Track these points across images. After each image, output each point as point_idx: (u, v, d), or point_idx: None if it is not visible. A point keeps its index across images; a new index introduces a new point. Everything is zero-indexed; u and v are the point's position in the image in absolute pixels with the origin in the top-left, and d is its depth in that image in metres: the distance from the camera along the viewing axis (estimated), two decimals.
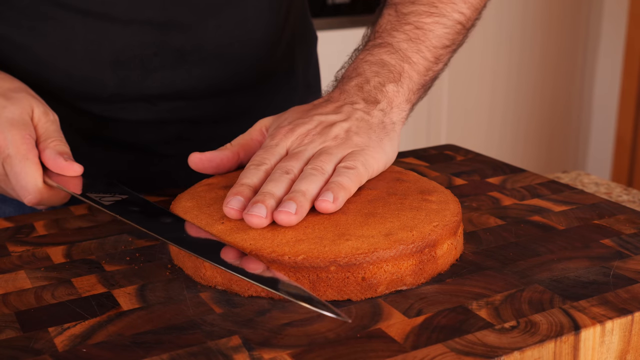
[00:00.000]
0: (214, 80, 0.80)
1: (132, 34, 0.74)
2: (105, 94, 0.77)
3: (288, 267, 0.50)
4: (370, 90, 0.64)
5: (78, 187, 0.60)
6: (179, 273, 0.55)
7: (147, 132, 0.81)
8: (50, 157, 0.61)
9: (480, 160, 0.80)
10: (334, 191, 0.54)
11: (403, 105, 0.65)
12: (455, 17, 0.70)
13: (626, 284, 0.52)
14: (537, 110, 2.63)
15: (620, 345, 0.48)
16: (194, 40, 0.77)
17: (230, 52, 0.79)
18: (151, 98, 0.78)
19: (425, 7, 0.69)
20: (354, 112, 0.62)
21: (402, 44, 0.67)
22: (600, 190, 0.88)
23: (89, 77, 0.76)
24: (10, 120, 0.62)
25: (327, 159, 0.58)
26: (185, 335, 0.46)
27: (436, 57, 0.69)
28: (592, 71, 2.70)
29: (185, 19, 0.76)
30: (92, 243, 0.61)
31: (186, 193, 0.61)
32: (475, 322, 0.47)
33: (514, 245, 0.58)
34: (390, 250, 0.51)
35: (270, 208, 0.53)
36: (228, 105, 0.83)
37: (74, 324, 0.48)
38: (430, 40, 0.68)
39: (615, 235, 0.60)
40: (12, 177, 0.61)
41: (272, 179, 0.56)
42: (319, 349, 0.44)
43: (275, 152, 0.60)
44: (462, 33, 0.71)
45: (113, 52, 0.75)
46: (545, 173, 0.97)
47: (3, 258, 0.58)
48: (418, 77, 0.67)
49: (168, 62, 0.77)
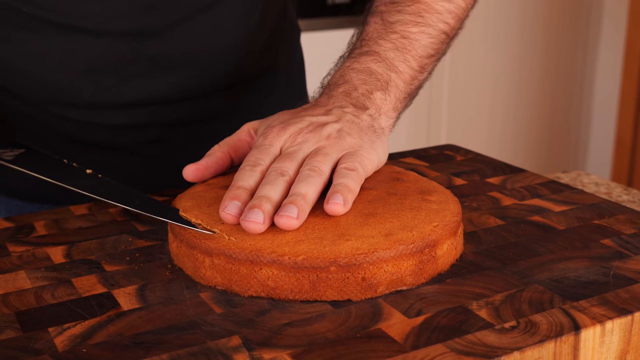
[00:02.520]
0: (189, 86, 0.80)
1: (105, 44, 0.74)
2: (82, 101, 0.77)
3: (288, 268, 0.50)
4: (358, 97, 0.65)
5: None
6: (179, 273, 0.55)
7: (126, 135, 0.81)
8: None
9: (480, 160, 0.80)
10: (342, 193, 0.54)
11: (390, 112, 0.66)
12: (440, 27, 0.70)
13: (626, 284, 0.52)
14: (537, 110, 2.63)
15: (620, 345, 0.48)
16: (167, 48, 0.76)
17: (205, 58, 0.79)
18: (127, 105, 0.78)
19: (412, 16, 0.69)
20: (344, 114, 0.62)
21: (389, 53, 0.67)
22: (600, 190, 0.88)
23: (64, 86, 0.76)
24: None
25: (324, 160, 0.58)
26: (185, 336, 0.46)
27: (421, 66, 0.69)
28: (592, 71, 2.70)
29: (158, 27, 0.75)
30: (92, 243, 0.61)
31: (186, 193, 0.61)
32: (475, 322, 0.47)
33: (514, 245, 0.58)
34: (390, 250, 0.51)
35: (268, 213, 0.53)
36: (207, 107, 0.83)
37: (74, 324, 0.48)
38: (416, 50, 0.69)
39: (615, 235, 0.60)
40: None
41: (267, 182, 0.56)
42: (319, 349, 0.44)
43: (269, 151, 0.60)
44: (446, 42, 0.72)
45: (87, 61, 0.75)
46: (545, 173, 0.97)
47: (3, 258, 0.58)
48: (404, 86, 0.67)
49: (142, 70, 0.76)
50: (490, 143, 2.55)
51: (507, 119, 2.58)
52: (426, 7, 0.70)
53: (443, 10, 0.71)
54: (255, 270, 0.51)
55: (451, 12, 0.71)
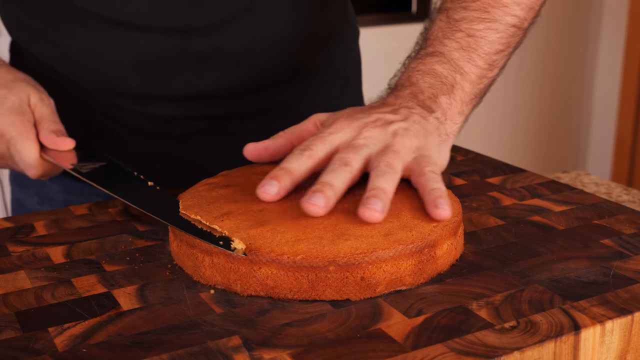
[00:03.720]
0: (236, 82, 0.81)
1: (153, 39, 0.77)
2: (131, 93, 0.80)
3: (287, 267, 0.50)
4: (424, 100, 0.65)
5: (67, 161, 0.68)
6: (179, 273, 0.55)
7: (177, 125, 0.84)
8: (45, 136, 0.70)
9: (480, 160, 0.80)
10: (443, 197, 0.55)
11: (456, 117, 0.65)
12: (508, 20, 0.69)
13: (626, 284, 0.52)
14: (537, 110, 2.63)
15: (620, 345, 0.48)
16: (214, 44, 0.78)
17: (252, 55, 0.80)
18: (176, 98, 0.81)
19: (477, 12, 0.68)
20: (411, 114, 0.62)
21: (454, 53, 0.67)
22: (600, 190, 0.88)
23: (114, 78, 0.79)
24: (11, 109, 0.70)
25: (397, 158, 0.58)
26: (185, 336, 0.46)
27: (489, 63, 0.68)
28: (592, 71, 2.70)
29: (206, 25, 0.77)
30: (92, 243, 0.61)
31: (187, 192, 0.61)
32: (475, 322, 0.47)
33: (514, 245, 0.58)
34: (389, 250, 0.51)
35: (329, 199, 0.54)
36: (256, 101, 0.84)
37: (74, 324, 0.48)
38: (482, 48, 0.68)
39: (615, 235, 0.60)
40: (15, 155, 0.70)
41: (331, 169, 0.57)
42: (319, 349, 0.44)
43: (326, 140, 0.60)
44: (518, 35, 0.70)
45: (135, 56, 0.78)
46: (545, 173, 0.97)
47: (3, 258, 0.58)
48: (470, 87, 0.67)
49: (190, 65, 0.78)
50: (490, 143, 2.55)
51: (507, 119, 2.58)
52: (491, 2, 0.69)
53: (510, 2, 0.69)
54: (254, 269, 0.51)
55: (519, 4, 0.69)
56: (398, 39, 0.75)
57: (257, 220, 0.54)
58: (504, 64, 0.71)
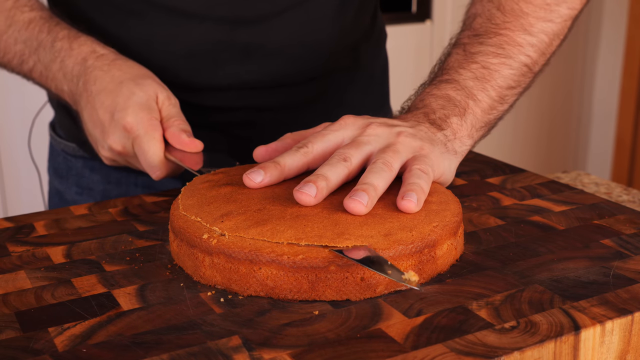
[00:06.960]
0: (276, 75, 0.84)
1: (205, 30, 0.80)
2: (180, 82, 0.82)
3: (287, 267, 0.50)
4: (435, 119, 0.66)
5: (194, 163, 0.68)
6: (179, 273, 0.55)
7: (217, 116, 0.85)
8: (174, 134, 0.69)
9: (480, 160, 0.81)
10: (417, 193, 0.55)
11: (465, 139, 0.66)
12: (521, 59, 0.71)
13: (626, 284, 0.52)
14: (537, 110, 2.63)
15: (620, 345, 0.48)
16: (259, 38, 0.81)
17: (293, 51, 0.83)
18: (220, 88, 0.83)
19: (493, 47, 0.70)
20: (419, 125, 0.64)
21: (468, 82, 0.68)
22: (600, 190, 0.88)
23: (166, 67, 0.81)
24: (139, 105, 0.70)
25: (396, 157, 0.58)
26: (185, 335, 0.46)
27: (501, 96, 0.70)
28: (592, 71, 2.70)
29: (253, 17, 0.80)
30: (92, 243, 0.61)
31: (187, 189, 0.60)
32: (475, 322, 0.47)
33: (514, 245, 0.58)
34: (389, 250, 0.51)
35: (321, 189, 0.55)
36: (291, 95, 0.87)
37: (74, 324, 0.48)
38: (496, 80, 0.69)
39: (615, 235, 0.60)
40: (139, 155, 0.69)
41: (329, 163, 0.57)
42: (319, 349, 0.44)
43: (325, 138, 0.61)
44: (529, 76, 0.72)
45: (187, 45, 0.81)
46: (545, 173, 0.97)
47: (3, 258, 0.58)
48: (482, 114, 0.68)
49: (236, 56, 0.82)
50: (490, 143, 2.53)
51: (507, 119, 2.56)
52: (508, 40, 0.71)
53: (525, 43, 0.71)
54: (254, 269, 0.51)
55: (533, 46, 0.72)
56: (398, 39, 0.77)
57: (256, 220, 0.54)
58: (514, 102, 0.73)
